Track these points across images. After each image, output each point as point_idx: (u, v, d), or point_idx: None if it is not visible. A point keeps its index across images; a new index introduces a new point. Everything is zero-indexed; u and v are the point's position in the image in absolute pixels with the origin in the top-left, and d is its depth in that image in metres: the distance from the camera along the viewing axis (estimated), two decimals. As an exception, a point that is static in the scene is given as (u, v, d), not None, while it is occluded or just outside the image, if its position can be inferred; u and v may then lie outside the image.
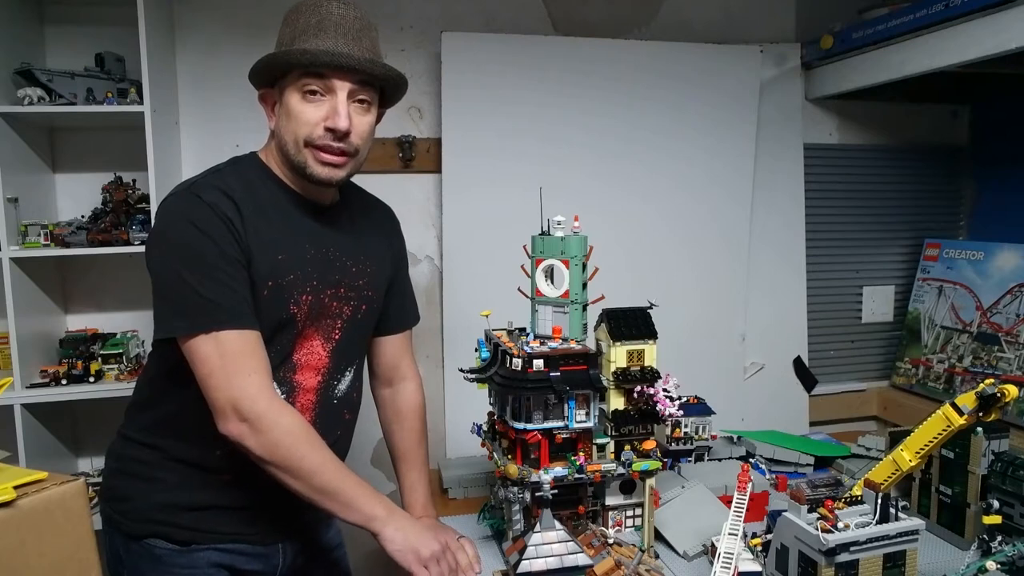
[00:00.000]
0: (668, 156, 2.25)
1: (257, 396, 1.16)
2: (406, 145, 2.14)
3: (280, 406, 1.20)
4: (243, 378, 1.16)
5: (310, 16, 1.22)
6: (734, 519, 1.25)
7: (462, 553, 1.36)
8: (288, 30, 1.24)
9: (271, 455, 1.17)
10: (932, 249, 2.45)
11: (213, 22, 2.03)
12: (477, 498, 1.77)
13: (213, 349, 1.16)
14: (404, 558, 1.23)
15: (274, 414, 1.17)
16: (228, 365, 1.16)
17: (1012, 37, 1.67)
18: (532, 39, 2.16)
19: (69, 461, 2.06)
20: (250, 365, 1.17)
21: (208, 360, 1.16)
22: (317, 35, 1.20)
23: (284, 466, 1.18)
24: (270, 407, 1.17)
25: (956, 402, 1.16)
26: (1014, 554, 1.28)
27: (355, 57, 1.20)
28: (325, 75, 1.21)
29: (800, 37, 2.38)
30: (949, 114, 2.55)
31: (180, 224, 1.18)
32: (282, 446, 1.17)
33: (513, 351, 1.33)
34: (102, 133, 2.02)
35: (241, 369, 1.16)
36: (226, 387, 1.16)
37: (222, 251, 1.17)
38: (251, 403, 1.16)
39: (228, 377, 1.16)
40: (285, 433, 1.18)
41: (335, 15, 1.22)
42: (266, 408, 1.17)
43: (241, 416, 1.16)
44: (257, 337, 1.20)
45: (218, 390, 1.16)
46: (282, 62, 1.21)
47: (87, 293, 2.07)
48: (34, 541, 0.95)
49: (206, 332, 1.16)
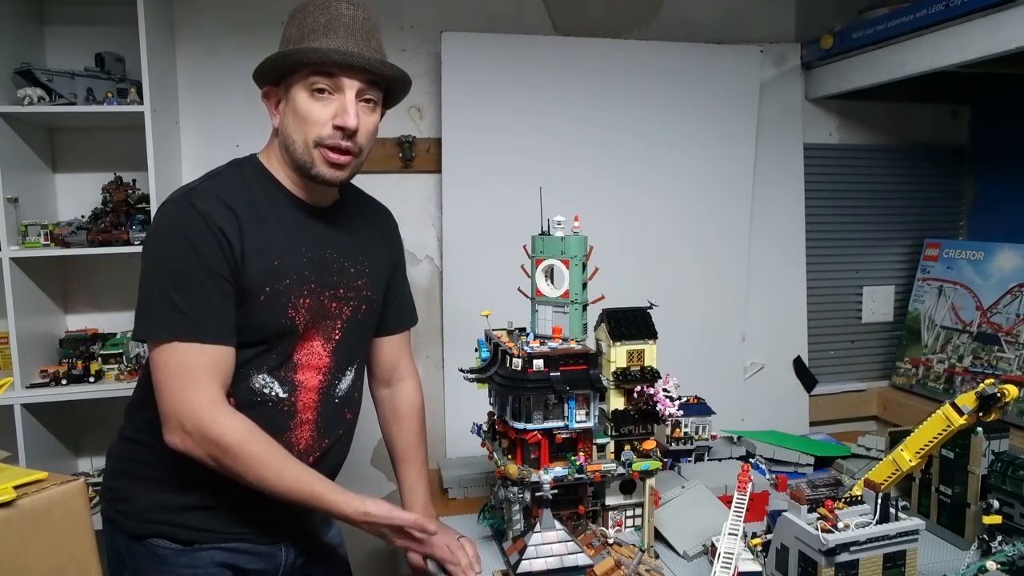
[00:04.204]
0: (668, 156, 2.25)
1: (202, 412, 1.17)
2: (406, 145, 2.14)
3: (226, 418, 1.19)
4: (191, 393, 1.17)
5: (319, 15, 1.22)
6: (734, 519, 1.25)
7: (462, 553, 1.36)
8: (296, 28, 1.24)
9: (219, 464, 1.18)
10: (932, 249, 2.45)
11: (213, 22, 2.03)
12: (477, 498, 1.77)
13: (170, 359, 1.18)
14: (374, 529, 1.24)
15: (217, 427, 1.17)
16: (181, 376, 1.17)
17: (1012, 37, 1.66)
18: (532, 39, 2.16)
19: (69, 461, 2.06)
20: (202, 379, 1.18)
21: (164, 368, 1.18)
22: (327, 34, 1.21)
23: (236, 473, 1.19)
24: (213, 421, 1.17)
25: (956, 402, 1.16)
26: (1014, 554, 1.28)
27: (366, 57, 1.21)
28: (334, 74, 1.21)
29: (800, 37, 2.38)
30: (949, 114, 2.55)
31: (169, 233, 1.21)
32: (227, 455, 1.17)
33: (513, 351, 1.33)
34: (102, 133, 2.02)
35: (191, 382, 1.17)
36: (174, 399, 1.18)
37: (206, 266, 1.18)
38: (197, 416, 1.17)
39: (178, 389, 1.17)
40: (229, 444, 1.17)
41: (345, 15, 1.23)
42: (209, 422, 1.17)
43: (184, 428, 1.18)
44: (222, 352, 1.20)
45: (166, 401, 1.18)
46: (292, 60, 1.22)
47: (87, 293, 2.07)
48: (34, 541, 0.95)
49: (168, 342, 1.18)
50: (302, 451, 1.34)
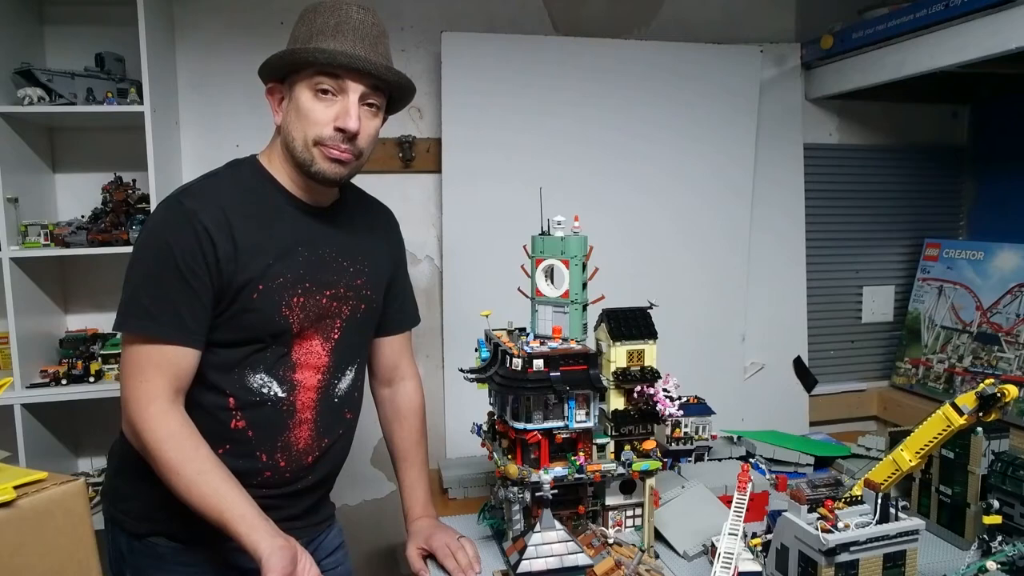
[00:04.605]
0: (668, 156, 2.25)
1: (138, 406, 1.19)
2: (406, 145, 2.14)
3: (153, 419, 1.18)
4: (136, 387, 1.20)
5: (328, 17, 1.23)
6: (734, 519, 1.25)
7: (462, 553, 1.36)
8: (304, 28, 1.25)
9: (149, 457, 1.19)
10: (932, 249, 2.45)
11: (213, 22, 2.03)
12: (477, 498, 1.77)
13: (132, 352, 1.21)
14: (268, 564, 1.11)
15: (143, 423, 1.18)
16: (137, 370, 1.20)
17: (1012, 37, 1.66)
18: (532, 39, 2.16)
19: (69, 461, 2.06)
20: (150, 373, 1.19)
21: (124, 362, 1.23)
22: (335, 36, 1.22)
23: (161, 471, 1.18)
24: (142, 418, 1.18)
25: (956, 402, 1.16)
26: (1014, 554, 1.28)
27: (372, 62, 1.22)
28: (340, 76, 1.22)
29: (800, 37, 2.38)
30: (949, 114, 2.55)
31: (152, 232, 1.23)
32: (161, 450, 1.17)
33: (513, 351, 1.32)
34: (102, 133, 2.02)
35: (142, 375, 1.19)
36: (124, 392, 1.21)
37: (181, 267, 1.19)
38: (132, 411, 1.19)
39: (133, 380, 1.20)
40: (163, 438, 1.18)
41: (354, 19, 1.23)
42: (139, 418, 1.18)
43: (125, 419, 1.22)
44: (179, 353, 1.21)
45: (121, 393, 1.22)
46: (299, 59, 1.22)
47: (87, 293, 2.07)
48: (34, 541, 0.95)
49: (134, 335, 1.21)
50: (301, 450, 1.34)
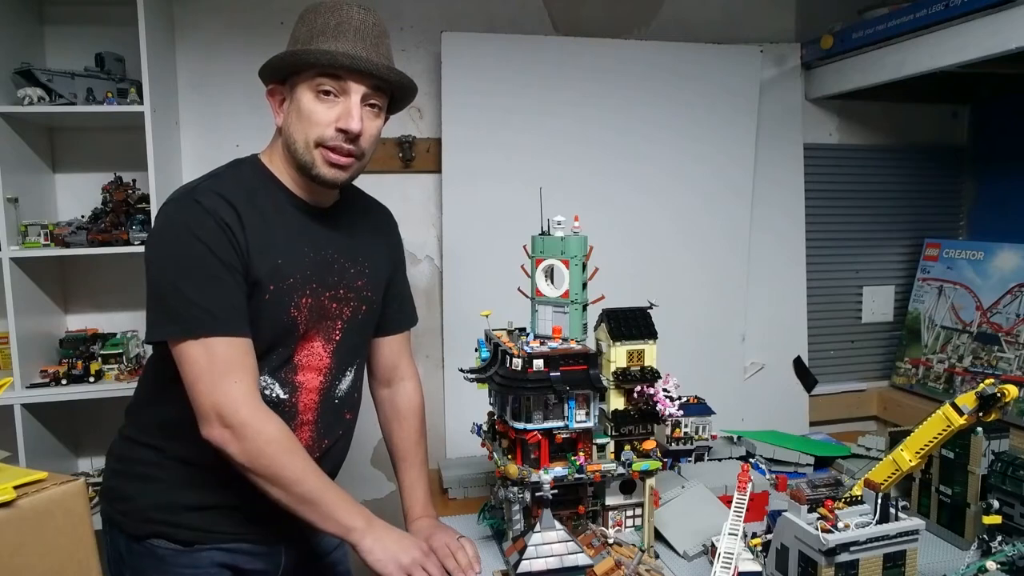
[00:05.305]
0: (668, 156, 2.25)
1: (241, 403, 1.17)
2: (406, 145, 2.14)
3: (265, 414, 1.20)
4: (229, 385, 1.17)
5: (329, 17, 1.22)
6: (734, 519, 1.25)
7: (462, 553, 1.36)
8: (305, 28, 1.24)
9: (252, 462, 1.18)
10: (932, 249, 2.45)
11: (213, 22, 2.03)
12: (477, 498, 1.76)
13: (201, 354, 1.17)
14: (384, 568, 1.22)
15: (257, 422, 1.18)
16: (215, 371, 1.16)
17: (1012, 37, 1.66)
18: (532, 39, 2.16)
19: (69, 461, 2.06)
20: (237, 372, 1.18)
21: (196, 365, 1.17)
22: (336, 37, 1.21)
23: (265, 474, 1.18)
24: (254, 415, 1.18)
25: (956, 402, 1.16)
26: (1014, 554, 1.28)
27: (374, 62, 1.22)
28: (341, 77, 1.22)
29: (800, 37, 2.38)
30: (949, 114, 2.55)
31: (177, 230, 1.19)
32: (264, 455, 1.18)
33: (513, 351, 1.33)
34: (102, 133, 2.02)
35: (227, 376, 1.17)
36: (211, 392, 1.17)
37: (218, 258, 1.17)
38: (234, 410, 1.16)
39: (214, 383, 1.16)
40: (267, 442, 1.18)
41: (355, 19, 1.23)
42: (249, 416, 1.17)
43: (224, 422, 1.17)
44: (246, 344, 1.20)
45: (203, 395, 1.17)
46: (300, 60, 1.22)
47: (87, 293, 2.07)
48: (34, 541, 0.95)
49: (195, 338, 1.17)
50: (302, 451, 1.34)
